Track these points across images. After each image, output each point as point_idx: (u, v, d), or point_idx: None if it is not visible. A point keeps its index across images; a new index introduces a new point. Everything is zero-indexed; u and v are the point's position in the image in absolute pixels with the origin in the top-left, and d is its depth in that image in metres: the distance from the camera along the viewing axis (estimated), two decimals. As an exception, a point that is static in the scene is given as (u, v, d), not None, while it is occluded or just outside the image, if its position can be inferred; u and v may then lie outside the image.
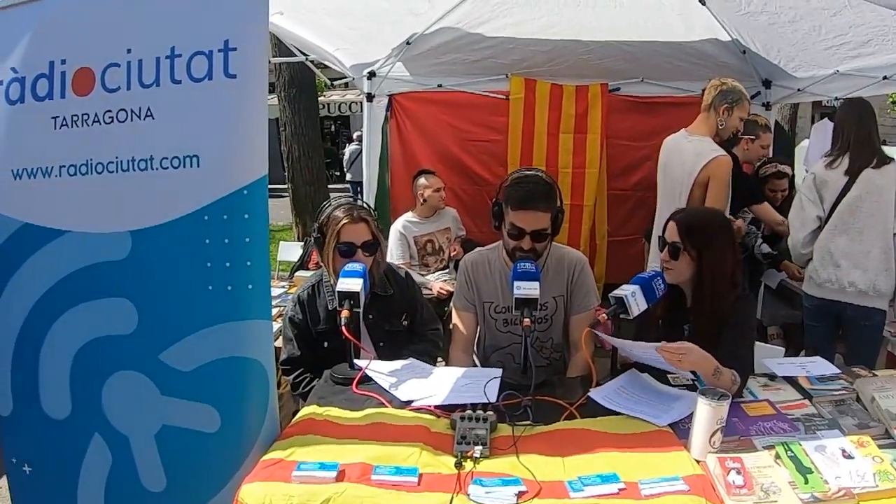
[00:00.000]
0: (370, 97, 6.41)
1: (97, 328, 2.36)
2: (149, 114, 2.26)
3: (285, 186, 10.94)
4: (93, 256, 2.34)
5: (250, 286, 2.22)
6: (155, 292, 2.28)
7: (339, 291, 2.73)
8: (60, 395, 2.44)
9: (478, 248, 3.34)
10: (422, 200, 5.53)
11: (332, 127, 26.81)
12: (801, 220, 3.98)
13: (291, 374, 3.13)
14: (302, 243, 6.27)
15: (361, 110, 6.68)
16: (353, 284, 2.73)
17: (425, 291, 5.04)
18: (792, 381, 2.64)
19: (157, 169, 2.24)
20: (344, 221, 3.02)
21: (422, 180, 5.53)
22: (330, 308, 3.09)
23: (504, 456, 2.12)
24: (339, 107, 21.77)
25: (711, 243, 2.75)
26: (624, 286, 2.64)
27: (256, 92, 2.21)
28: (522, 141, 6.12)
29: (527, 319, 2.63)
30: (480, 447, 2.11)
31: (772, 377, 2.68)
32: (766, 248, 5.10)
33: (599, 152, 6.04)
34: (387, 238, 5.32)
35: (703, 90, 4.35)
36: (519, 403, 2.40)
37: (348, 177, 15.31)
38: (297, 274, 5.14)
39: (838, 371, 2.71)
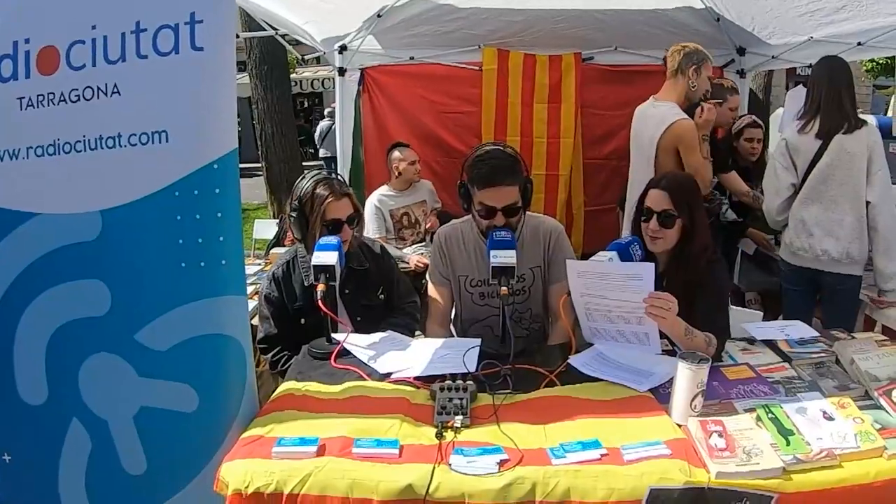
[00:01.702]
0: (342, 71, 6.34)
1: (70, 311, 2.32)
2: (115, 90, 2.21)
3: (259, 165, 10.85)
4: (63, 238, 2.30)
5: (224, 262, 2.20)
6: (127, 272, 2.25)
7: (314, 265, 2.71)
8: (36, 381, 2.40)
9: (451, 221, 3.31)
10: (396, 174, 5.50)
11: (305, 104, 26.58)
12: (775, 188, 3.99)
13: (269, 353, 3.11)
14: (277, 220, 6.21)
15: (334, 86, 6.61)
16: (328, 258, 2.71)
17: (402, 265, 5.03)
18: (771, 344, 2.66)
19: (125, 146, 2.20)
20: (329, 199, 3.01)
21: (396, 153, 5.49)
22: (306, 284, 3.07)
23: (485, 425, 2.12)
24: (312, 83, 21.57)
25: (697, 207, 2.76)
26: (601, 252, 2.63)
27: (224, 64, 2.17)
28: (496, 112, 6.09)
29: (504, 288, 2.61)
30: (461, 417, 2.12)
31: (751, 341, 2.70)
32: (731, 216, 5.13)
33: (574, 122, 6.03)
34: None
35: (664, 59, 4.39)
36: (498, 372, 2.41)
37: (321, 153, 15.19)
38: (273, 251, 5.10)
39: (817, 334, 2.74)
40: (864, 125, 3.68)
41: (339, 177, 3.22)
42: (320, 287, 2.67)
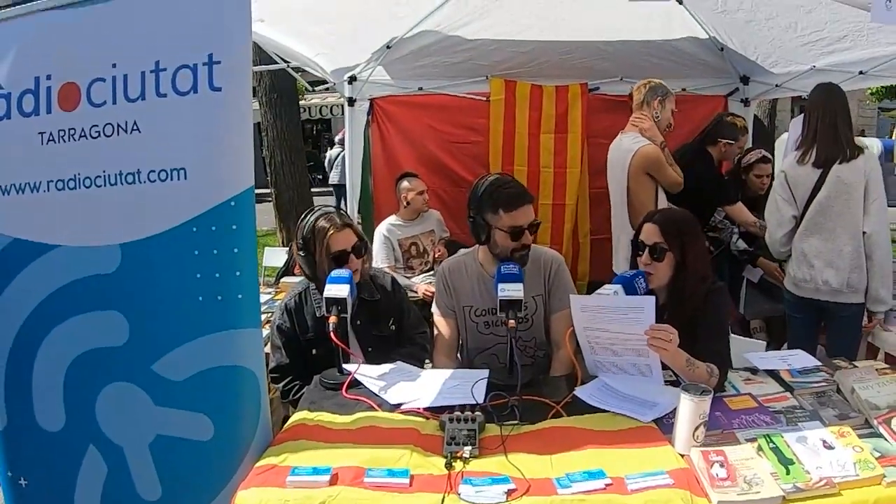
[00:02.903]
0: (351, 101, 6.42)
1: (89, 340, 2.39)
2: (135, 128, 2.30)
3: (268, 191, 10.94)
4: (83, 270, 2.37)
5: (240, 296, 2.26)
6: (146, 304, 2.32)
7: (326, 298, 2.77)
8: (54, 408, 2.47)
9: (455, 254, 3.38)
10: (405, 203, 5.57)
11: (314, 130, 26.76)
12: (777, 220, 4.05)
13: (281, 382, 3.16)
14: (287, 248, 6.28)
15: (343, 113, 6.71)
16: (340, 290, 2.77)
17: (410, 294, 5.09)
18: (774, 374, 2.71)
19: (144, 182, 2.28)
20: (330, 231, 3.07)
21: (405, 183, 5.57)
22: (318, 315, 3.12)
23: (493, 455, 2.17)
24: (321, 110, 21.74)
25: (691, 240, 2.81)
26: (606, 286, 2.68)
27: (241, 104, 2.25)
28: (503, 142, 6.16)
29: (511, 321, 2.67)
30: (469, 447, 2.16)
31: (754, 371, 2.75)
32: (742, 245, 5.20)
33: (580, 152, 6.08)
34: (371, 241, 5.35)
35: (630, 94, 4.62)
36: (506, 403, 2.45)
37: (332, 179, 15.32)
38: (283, 280, 5.17)
39: (819, 363, 2.78)
40: (860, 153, 3.73)
41: (340, 209, 3.29)
42: (332, 319, 2.73)
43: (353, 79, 6.19)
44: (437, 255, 5.59)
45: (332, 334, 2.71)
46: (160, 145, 2.27)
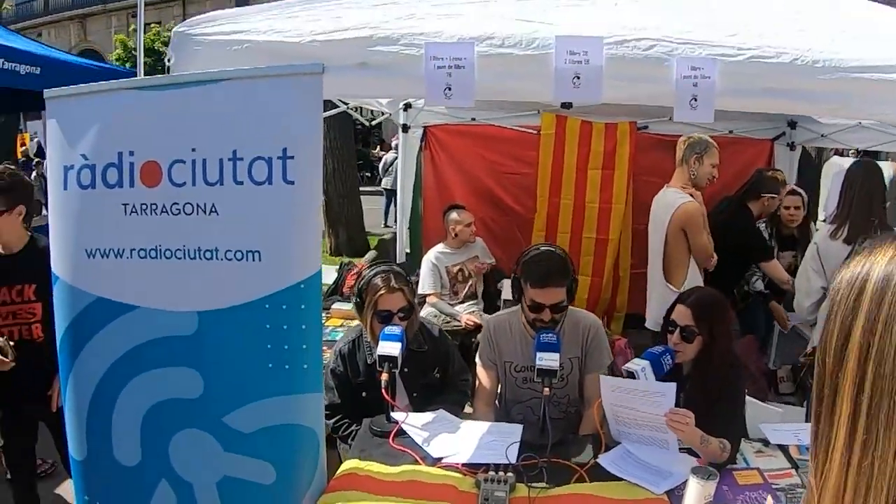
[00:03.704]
0: (405, 128, 6.71)
1: (166, 391, 2.66)
2: (213, 210, 2.53)
3: (318, 199, 11.25)
4: (162, 331, 2.62)
5: (305, 366, 2.54)
6: (219, 365, 2.59)
7: (380, 355, 3.05)
8: (131, 446, 2.73)
9: (499, 312, 3.64)
10: (453, 234, 5.82)
11: (363, 126, 26.96)
12: (805, 290, 4.23)
13: (332, 419, 3.45)
14: (337, 267, 6.57)
15: (391, 116, 6.95)
16: (392, 349, 3.04)
17: (454, 323, 5.38)
18: (784, 448, 2.90)
19: (221, 260, 2.53)
20: (382, 291, 3.34)
21: (454, 215, 5.81)
22: (369, 362, 3.42)
23: (522, 517, 2.44)
24: (371, 111, 21.97)
25: (720, 322, 3.04)
26: (635, 360, 2.92)
27: (312, 196, 2.52)
28: (552, 175, 6.36)
29: (546, 389, 2.92)
30: (501, 509, 2.43)
31: (766, 443, 2.95)
32: (759, 286, 5.36)
33: (626, 188, 6.26)
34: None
35: (682, 145, 4.72)
36: (535, 464, 2.71)
37: (385, 184, 15.61)
38: (334, 307, 5.43)
39: None
40: (891, 234, 3.86)
41: (400, 268, 3.57)
42: (384, 377, 3.01)
43: (407, 106, 6.46)
44: (474, 269, 5.88)
45: (383, 392, 2.99)
46: (237, 228, 2.52)
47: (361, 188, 13.05)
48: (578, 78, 2.45)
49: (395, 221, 9.16)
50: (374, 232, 13.32)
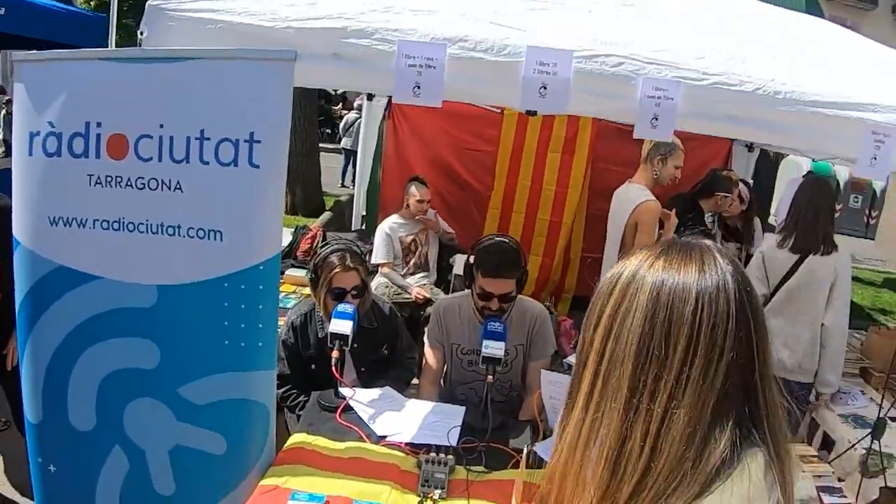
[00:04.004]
0: (370, 96, 6.73)
1: (123, 361, 2.73)
2: (178, 187, 2.58)
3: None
4: (122, 301, 2.68)
5: (260, 344, 2.63)
6: (176, 339, 2.66)
7: (331, 332, 3.15)
8: (86, 412, 2.80)
9: (450, 295, 3.75)
10: (406, 205, 5.92)
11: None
12: None
13: (280, 389, 3.54)
14: (293, 230, 6.60)
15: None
16: (344, 327, 3.14)
17: (404, 295, 5.49)
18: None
19: (184, 237, 2.59)
20: (337, 269, 3.44)
21: (412, 189, 5.87)
22: (320, 336, 3.52)
23: (459, 499, 2.56)
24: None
25: None
26: (574, 356, 3.05)
27: (277, 180, 2.58)
28: (511, 155, 6.49)
29: (490, 376, 3.05)
30: (439, 490, 2.56)
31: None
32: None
33: (584, 174, 6.41)
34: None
35: (648, 144, 4.84)
36: (475, 448, 2.84)
37: (344, 144, 15.58)
38: (287, 272, 5.45)
39: None
40: (835, 250, 4.07)
41: (357, 247, 3.65)
42: (334, 354, 3.10)
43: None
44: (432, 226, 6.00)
45: (333, 369, 3.08)
46: (200, 207, 2.58)
47: (321, 145, 13.00)
48: (545, 88, 2.54)
49: (353, 182, 9.18)
50: (331, 192, 13.32)
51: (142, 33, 2.81)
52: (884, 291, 12.08)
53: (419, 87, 2.55)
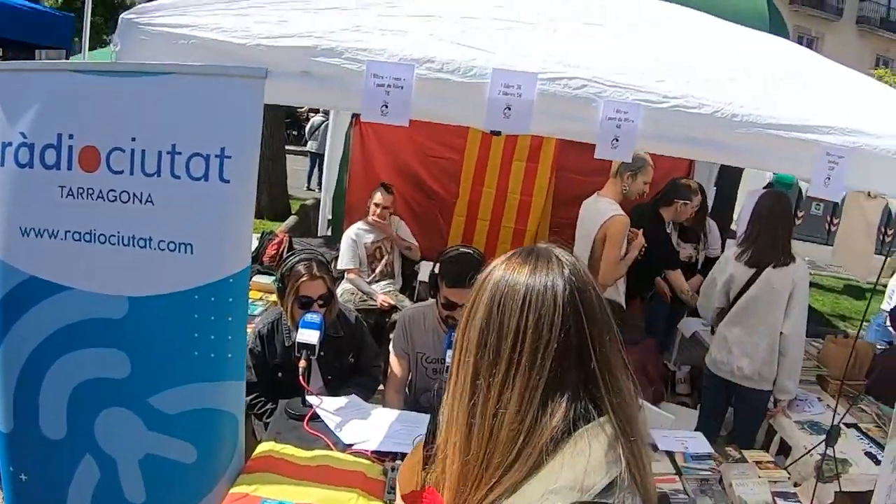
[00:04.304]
0: (338, 103, 6.73)
1: (94, 370, 2.74)
2: (149, 200, 2.61)
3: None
4: (93, 312, 2.70)
5: (230, 355, 2.68)
6: (147, 349, 2.69)
7: (298, 342, 3.20)
8: (57, 420, 2.81)
9: (416, 304, 3.82)
10: (366, 211, 6.00)
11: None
12: (708, 298, 4.64)
13: (248, 397, 3.57)
14: (259, 235, 6.60)
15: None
16: (311, 336, 3.20)
17: (370, 302, 5.55)
18: (671, 454, 3.14)
19: (154, 249, 2.62)
20: (304, 278, 3.50)
21: (376, 196, 5.96)
22: (287, 344, 3.58)
23: (424, 506, 2.64)
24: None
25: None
26: None
27: (246, 195, 2.64)
28: (477, 163, 6.57)
29: (452, 384, 3.12)
30: (404, 498, 2.63)
31: (654, 448, 3.19)
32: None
33: (548, 183, 6.50)
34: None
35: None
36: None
37: (310, 146, 15.57)
38: (253, 279, 5.43)
39: (711, 451, 3.22)
40: (793, 262, 4.21)
41: (323, 257, 3.71)
42: (302, 363, 3.16)
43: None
44: (397, 241, 6.07)
45: (300, 378, 3.14)
46: (171, 220, 2.61)
47: (287, 147, 12.99)
48: (509, 109, 2.62)
49: (318, 186, 9.16)
50: (297, 196, 13.30)
51: (115, 46, 2.84)
52: (843, 298, 12.34)
53: (387, 106, 2.62)
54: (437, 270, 3.48)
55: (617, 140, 2.70)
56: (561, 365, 1.23)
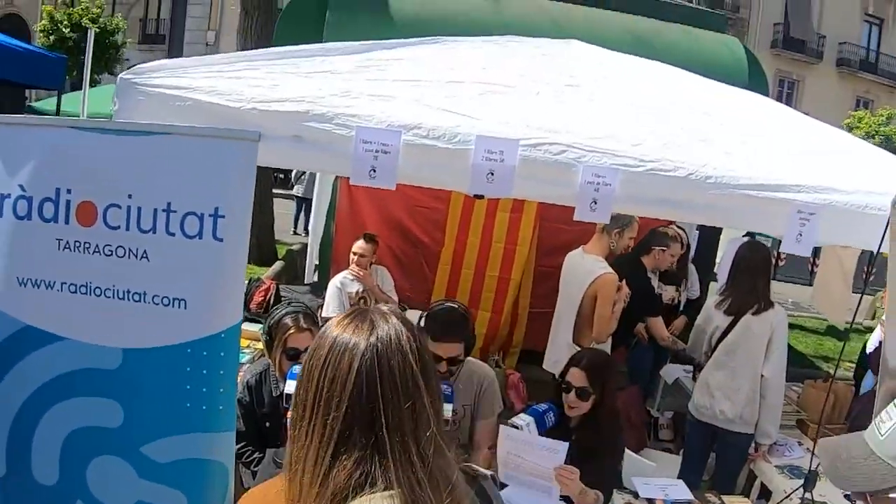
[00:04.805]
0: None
1: (87, 419, 2.79)
2: (144, 256, 2.69)
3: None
4: (87, 362, 2.76)
5: (221, 407, 2.74)
6: (140, 400, 2.75)
7: (285, 394, 3.27)
8: (50, 466, 2.85)
9: None
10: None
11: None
12: (698, 339, 4.79)
13: (236, 446, 3.64)
14: (246, 282, 6.69)
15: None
16: (298, 388, 3.27)
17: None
18: (651, 501, 3.24)
19: (149, 303, 2.70)
20: (291, 331, 3.58)
21: (358, 243, 6.07)
22: (274, 395, 3.66)
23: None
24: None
25: (610, 381, 3.40)
26: (521, 415, 3.26)
27: (239, 253, 2.72)
28: (462, 213, 6.67)
29: (438, 436, 3.21)
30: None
31: (636, 495, 3.29)
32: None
33: (532, 232, 6.61)
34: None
35: None
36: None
37: (296, 190, 15.67)
38: (243, 326, 5.51)
39: (691, 498, 3.32)
40: (771, 308, 4.37)
41: (309, 309, 3.80)
42: (289, 414, 3.21)
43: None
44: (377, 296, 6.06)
45: (288, 426, 3.20)
46: (166, 276, 2.69)
47: (273, 191, 13.09)
48: (492, 174, 2.74)
49: (305, 230, 9.22)
50: (284, 241, 13.39)
51: (114, 105, 2.95)
52: (827, 339, 12.43)
53: (375, 171, 2.74)
54: (422, 324, 3.58)
55: (595, 203, 2.82)
56: (350, 426, 1.34)
